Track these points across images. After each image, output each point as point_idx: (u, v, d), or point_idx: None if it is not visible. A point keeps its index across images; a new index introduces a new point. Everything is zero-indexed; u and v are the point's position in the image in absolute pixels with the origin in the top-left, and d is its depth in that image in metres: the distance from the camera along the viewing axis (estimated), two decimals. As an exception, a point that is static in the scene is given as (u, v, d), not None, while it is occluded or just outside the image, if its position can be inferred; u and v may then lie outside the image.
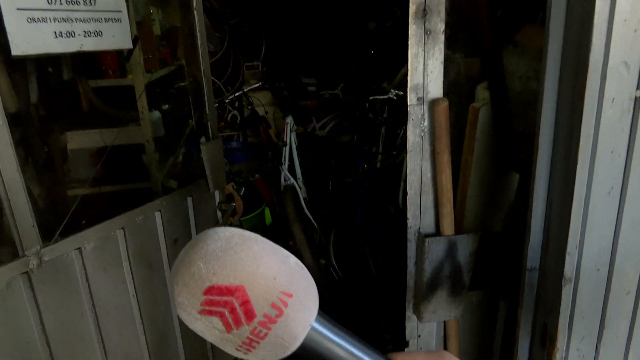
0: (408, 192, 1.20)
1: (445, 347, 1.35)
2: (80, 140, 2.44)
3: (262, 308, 0.38)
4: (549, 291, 0.93)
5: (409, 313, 1.31)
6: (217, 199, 2.42)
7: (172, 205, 2.13)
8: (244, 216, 3.43)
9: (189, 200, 2.22)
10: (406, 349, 1.35)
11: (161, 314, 2.13)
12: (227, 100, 4.42)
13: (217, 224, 2.45)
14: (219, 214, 2.44)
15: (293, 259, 0.42)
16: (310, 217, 3.82)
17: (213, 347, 2.52)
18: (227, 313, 0.38)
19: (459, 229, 1.24)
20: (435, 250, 1.19)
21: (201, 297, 0.38)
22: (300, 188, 3.93)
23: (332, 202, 4.67)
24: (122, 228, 1.89)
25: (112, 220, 1.86)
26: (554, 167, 1.12)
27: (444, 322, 1.33)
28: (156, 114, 2.61)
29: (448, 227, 1.19)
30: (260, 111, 4.55)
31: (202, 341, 2.45)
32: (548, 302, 0.93)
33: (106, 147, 2.27)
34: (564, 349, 0.92)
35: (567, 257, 0.98)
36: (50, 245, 1.59)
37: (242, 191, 3.53)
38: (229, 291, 0.38)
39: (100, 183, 2.50)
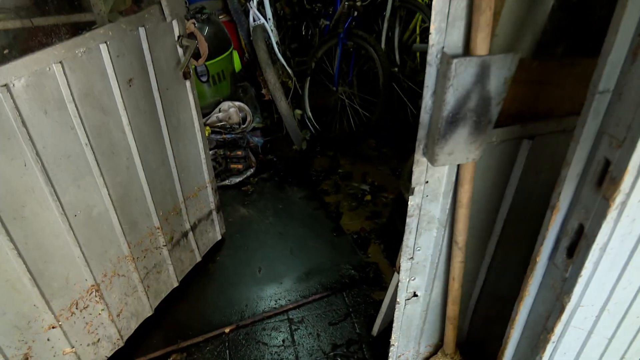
0: (434, -3, 0.90)
1: (455, 194, 1.17)
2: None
3: None
4: (622, 115, 0.70)
5: (419, 156, 1.11)
6: (177, 33, 2.02)
7: (121, 37, 1.74)
8: (209, 60, 3.03)
9: (141, 31, 1.82)
10: (410, 196, 1.17)
11: (123, 165, 1.89)
12: None
13: (178, 63, 2.09)
14: (180, 50, 2.07)
15: None
16: (284, 62, 3.45)
17: (185, 199, 2.36)
18: None
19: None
20: (464, 75, 0.94)
21: None
22: (272, 30, 3.47)
23: (308, 47, 4.24)
24: (60, 62, 1.53)
25: (45, 52, 1.49)
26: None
27: (458, 166, 1.14)
28: None
29: (482, 43, 0.92)
30: None
31: (173, 194, 2.27)
32: (620, 129, 0.71)
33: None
34: (627, 191, 0.73)
35: None
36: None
37: (206, 30, 3.07)
38: None
39: (31, 14, 2.03)
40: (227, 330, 2.27)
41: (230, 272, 2.62)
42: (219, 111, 3.24)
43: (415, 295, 1.42)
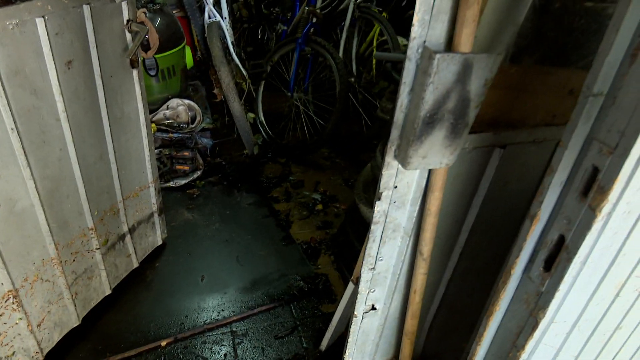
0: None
1: (424, 202, 1.11)
2: None
3: None
4: (616, 121, 0.66)
5: (390, 159, 1.03)
6: (126, 16, 1.86)
7: (62, 13, 1.56)
8: (159, 53, 2.85)
9: (86, 9, 1.65)
10: (376, 202, 1.10)
11: (55, 157, 1.69)
12: None
13: (125, 50, 1.92)
14: (129, 36, 1.90)
15: None
16: (239, 63, 3.32)
17: (125, 199, 2.17)
18: None
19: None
20: (445, 72, 0.88)
21: None
22: (227, 29, 3.34)
23: (263, 52, 4.15)
24: (-14, 32, 1.34)
25: (-32, 19, 1.30)
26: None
27: (429, 171, 1.08)
28: None
29: (467, 39, 0.86)
30: None
31: (111, 192, 2.07)
32: (612, 136, 0.67)
33: None
34: (614, 201, 0.69)
35: None
36: None
37: (158, 22, 2.90)
38: None
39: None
40: (163, 343, 2.08)
41: (170, 280, 2.44)
42: (167, 108, 3.06)
43: (373, 308, 1.34)
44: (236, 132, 3.46)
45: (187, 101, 3.10)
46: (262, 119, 3.72)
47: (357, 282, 1.57)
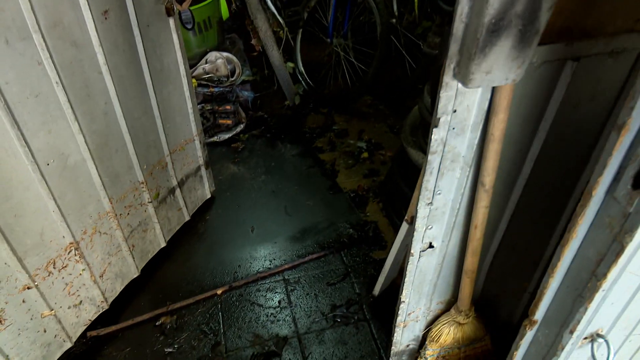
0: None
1: (485, 127, 1.02)
2: None
3: None
4: None
5: (448, 78, 0.94)
6: (158, -39, 1.79)
7: (94, -41, 1.52)
8: (194, 5, 2.78)
9: (117, -46, 1.60)
10: (433, 129, 1.01)
11: (100, 110, 1.69)
12: None
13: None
14: (162, -18, 1.84)
15: None
16: (275, 11, 3.21)
17: (171, 152, 2.17)
18: None
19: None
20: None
21: None
22: (262, -24, 3.20)
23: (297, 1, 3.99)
24: (21, -18, 1.31)
25: (3, -32, 1.27)
26: None
27: (492, 90, 0.98)
28: None
29: None
30: None
31: (158, 146, 2.08)
32: None
33: None
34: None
35: None
36: None
37: (190, -29, 2.80)
38: None
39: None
40: (219, 291, 2.13)
41: (221, 232, 2.47)
42: (206, 62, 3.02)
43: (431, 246, 1.28)
44: (276, 84, 3.39)
45: (225, 54, 3.04)
46: (302, 68, 3.62)
47: (411, 221, 1.51)
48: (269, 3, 3.17)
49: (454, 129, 1.02)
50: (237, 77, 3.05)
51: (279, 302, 2.09)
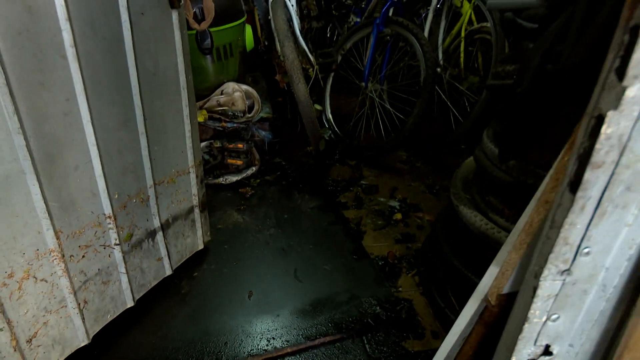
0: None
1: None
2: None
3: None
4: None
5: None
6: None
7: None
8: (215, 26, 2.43)
9: None
10: (609, 112, 0.48)
11: (58, 109, 1.24)
12: None
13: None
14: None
15: None
16: (305, 47, 2.84)
17: (157, 183, 1.68)
18: None
19: None
20: None
21: None
22: (293, 8, 2.89)
23: (334, 37, 3.68)
24: None
25: None
26: None
27: None
28: None
29: None
30: None
31: (139, 171, 1.60)
32: None
33: None
34: None
35: None
36: None
37: (214, -11, 2.49)
38: None
39: None
40: (193, 377, 1.54)
41: (210, 295, 1.91)
42: (221, 93, 2.62)
43: (548, 352, 0.71)
44: (299, 126, 2.95)
45: (244, 86, 2.65)
46: (330, 116, 3.21)
47: (498, 304, 0.94)
48: (299, 37, 2.81)
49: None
50: (255, 114, 2.63)
51: (274, 402, 1.48)
